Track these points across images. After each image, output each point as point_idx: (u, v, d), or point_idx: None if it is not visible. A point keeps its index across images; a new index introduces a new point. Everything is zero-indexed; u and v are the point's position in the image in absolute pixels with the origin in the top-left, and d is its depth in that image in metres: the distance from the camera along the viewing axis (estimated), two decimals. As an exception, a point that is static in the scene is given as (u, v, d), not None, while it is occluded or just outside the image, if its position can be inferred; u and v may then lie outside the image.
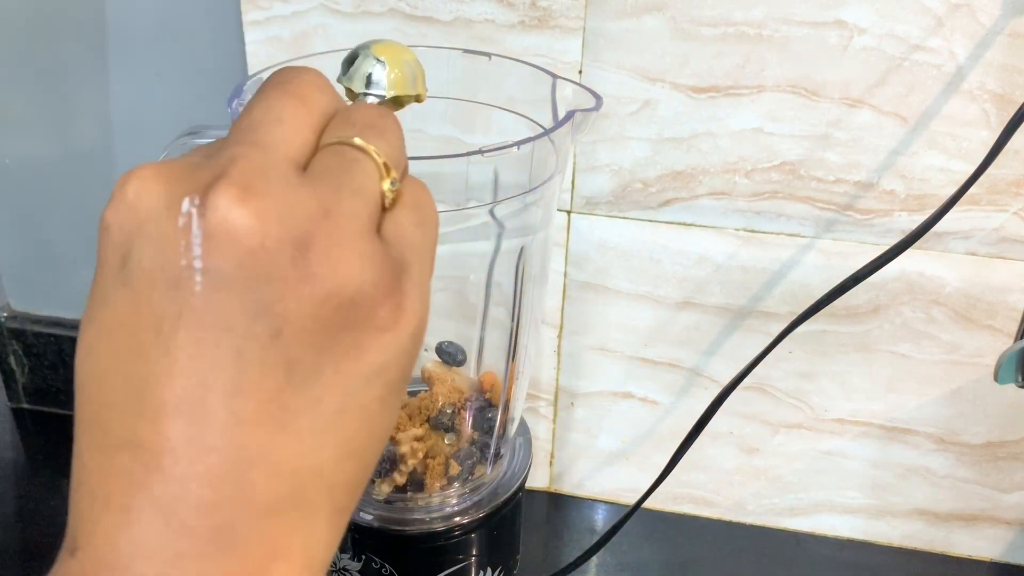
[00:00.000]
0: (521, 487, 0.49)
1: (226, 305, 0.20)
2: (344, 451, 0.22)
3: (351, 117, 0.24)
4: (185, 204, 0.20)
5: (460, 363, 0.49)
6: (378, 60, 0.29)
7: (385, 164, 0.23)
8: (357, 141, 0.23)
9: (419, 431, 0.46)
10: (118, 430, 0.20)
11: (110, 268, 0.21)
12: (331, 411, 0.21)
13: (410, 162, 0.36)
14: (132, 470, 0.20)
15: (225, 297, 0.20)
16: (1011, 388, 0.46)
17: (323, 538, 0.22)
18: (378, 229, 0.23)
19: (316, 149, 0.23)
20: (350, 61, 0.30)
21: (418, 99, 0.30)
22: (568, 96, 0.43)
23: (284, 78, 0.24)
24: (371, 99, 0.30)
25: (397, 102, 0.31)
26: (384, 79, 0.30)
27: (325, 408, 0.21)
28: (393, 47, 0.30)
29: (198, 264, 0.20)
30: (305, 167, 0.22)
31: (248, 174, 0.20)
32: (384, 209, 0.23)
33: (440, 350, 0.49)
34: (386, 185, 0.23)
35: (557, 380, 0.64)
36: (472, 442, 0.48)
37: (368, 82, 0.30)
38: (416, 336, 0.23)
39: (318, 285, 0.20)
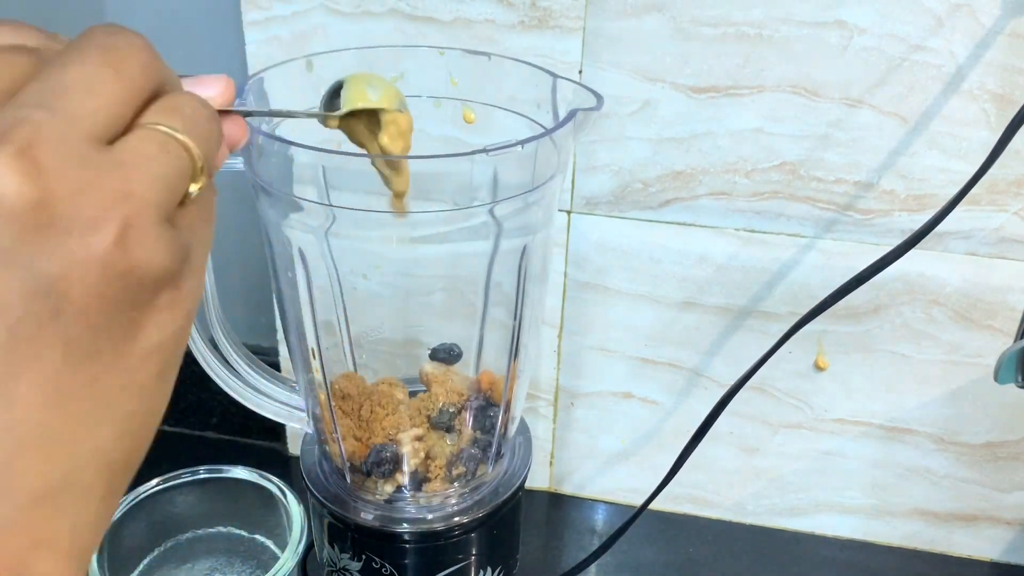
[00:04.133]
0: (521, 487, 0.49)
1: (3, 282, 0.19)
2: (122, 429, 0.22)
3: (180, 107, 0.23)
4: None
5: (456, 357, 0.49)
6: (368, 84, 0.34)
7: (203, 168, 0.23)
8: (181, 137, 0.22)
9: (420, 431, 0.46)
10: None
11: None
12: (109, 390, 0.21)
13: (416, 162, 0.36)
14: None
15: (3, 274, 0.19)
16: (1011, 388, 0.46)
17: (92, 522, 0.21)
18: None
19: (131, 126, 0.22)
20: (335, 92, 0.33)
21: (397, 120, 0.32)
22: (568, 96, 0.43)
23: (108, 42, 0.22)
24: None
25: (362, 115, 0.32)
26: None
27: (103, 387, 0.21)
28: (372, 76, 0.34)
29: None
30: (113, 142, 0.21)
31: (39, 142, 0.19)
32: (181, 204, 0.23)
33: (435, 352, 0.49)
34: (194, 188, 0.23)
35: (557, 380, 0.64)
36: (473, 442, 0.48)
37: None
38: (191, 314, 0.23)
39: (109, 267, 0.20)
